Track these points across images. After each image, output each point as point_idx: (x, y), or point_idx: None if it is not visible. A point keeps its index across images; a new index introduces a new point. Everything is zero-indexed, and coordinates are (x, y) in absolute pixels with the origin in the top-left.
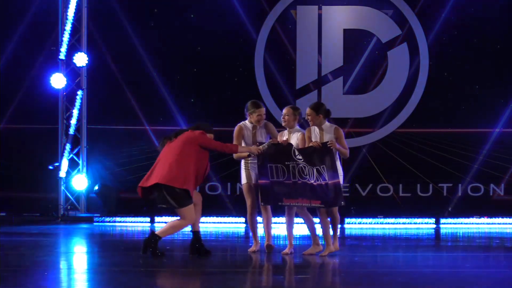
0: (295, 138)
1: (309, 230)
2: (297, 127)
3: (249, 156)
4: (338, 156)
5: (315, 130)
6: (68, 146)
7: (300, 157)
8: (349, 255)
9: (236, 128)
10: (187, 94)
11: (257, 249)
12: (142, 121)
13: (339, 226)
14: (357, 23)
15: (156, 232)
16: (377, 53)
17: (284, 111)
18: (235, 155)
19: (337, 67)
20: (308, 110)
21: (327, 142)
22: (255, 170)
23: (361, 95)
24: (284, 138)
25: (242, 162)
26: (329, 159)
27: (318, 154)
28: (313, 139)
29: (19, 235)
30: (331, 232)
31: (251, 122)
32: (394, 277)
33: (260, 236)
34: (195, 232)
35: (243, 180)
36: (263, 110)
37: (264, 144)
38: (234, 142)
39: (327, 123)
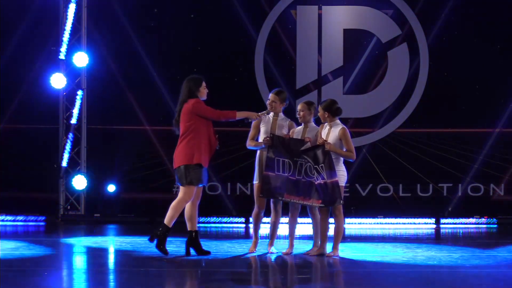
0: (312, 133)
1: (313, 230)
2: (313, 123)
3: (264, 147)
4: (341, 157)
5: (326, 127)
6: (68, 146)
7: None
8: (349, 255)
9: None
10: None
11: (255, 249)
12: (142, 121)
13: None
14: (357, 23)
15: (164, 222)
16: (377, 53)
17: (299, 107)
18: (248, 144)
19: (337, 67)
20: (318, 107)
21: (325, 141)
22: None
23: (361, 95)
24: (295, 133)
25: (257, 159)
26: (327, 158)
27: (316, 152)
28: (323, 136)
29: (19, 235)
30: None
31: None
32: (394, 277)
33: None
34: (194, 232)
35: (256, 179)
36: (272, 96)
37: (264, 112)
38: (251, 132)
39: (337, 121)
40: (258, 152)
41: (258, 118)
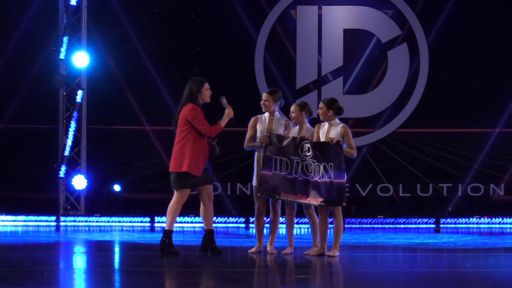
0: (307, 134)
1: (311, 230)
2: (308, 124)
3: (261, 146)
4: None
5: (324, 125)
6: (68, 146)
7: (309, 153)
8: (349, 255)
9: (252, 118)
10: None
11: (257, 251)
12: (142, 121)
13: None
14: (357, 23)
15: (165, 229)
16: (377, 53)
17: (291, 108)
18: (246, 145)
19: (337, 67)
20: (320, 104)
21: (339, 140)
22: None
23: (361, 95)
24: (291, 134)
25: (256, 160)
26: (338, 158)
27: (329, 150)
28: (320, 135)
29: (19, 235)
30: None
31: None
32: (394, 277)
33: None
34: (208, 231)
35: (255, 181)
36: (265, 95)
37: (225, 104)
38: (248, 133)
39: (336, 120)
40: (256, 153)
41: (231, 112)
